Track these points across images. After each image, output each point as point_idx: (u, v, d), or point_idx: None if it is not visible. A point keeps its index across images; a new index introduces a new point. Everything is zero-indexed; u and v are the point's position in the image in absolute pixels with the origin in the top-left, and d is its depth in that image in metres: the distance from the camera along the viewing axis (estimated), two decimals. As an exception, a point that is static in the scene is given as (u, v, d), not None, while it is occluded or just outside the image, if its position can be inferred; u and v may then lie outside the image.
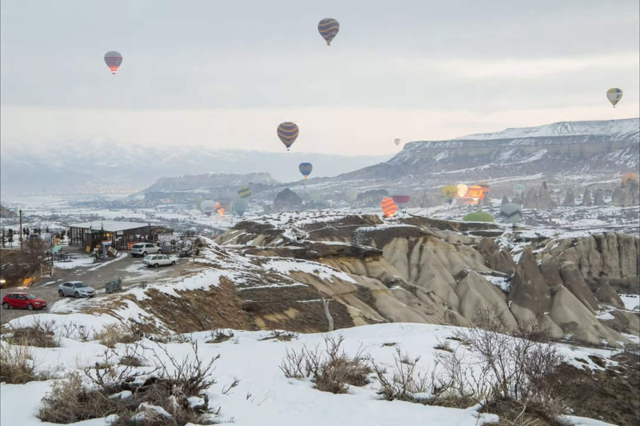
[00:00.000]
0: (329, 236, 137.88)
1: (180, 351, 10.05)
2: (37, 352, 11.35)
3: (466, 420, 8.58)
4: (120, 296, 45.11)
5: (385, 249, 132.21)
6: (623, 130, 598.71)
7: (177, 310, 48.09)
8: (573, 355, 23.61)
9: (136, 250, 67.78)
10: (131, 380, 8.57)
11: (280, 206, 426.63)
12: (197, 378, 8.57)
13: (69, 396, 8.02)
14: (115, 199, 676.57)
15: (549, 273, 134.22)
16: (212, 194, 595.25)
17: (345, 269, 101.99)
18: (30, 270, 61.41)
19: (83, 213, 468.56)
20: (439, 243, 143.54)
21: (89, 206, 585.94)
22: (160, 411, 7.53)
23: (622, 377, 22.20)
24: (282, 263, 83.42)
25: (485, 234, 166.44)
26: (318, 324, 54.51)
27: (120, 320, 37.51)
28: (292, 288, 62.63)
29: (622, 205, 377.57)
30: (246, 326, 49.58)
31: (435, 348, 18.93)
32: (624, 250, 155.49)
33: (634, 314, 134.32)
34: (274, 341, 21.67)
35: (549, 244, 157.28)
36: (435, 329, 24.65)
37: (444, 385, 10.39)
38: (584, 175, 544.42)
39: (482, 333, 12.30)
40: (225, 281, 58.54)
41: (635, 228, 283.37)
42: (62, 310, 38.89)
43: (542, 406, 9.05)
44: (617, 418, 19.60)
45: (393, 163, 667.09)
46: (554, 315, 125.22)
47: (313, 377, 11.70)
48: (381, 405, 9.81)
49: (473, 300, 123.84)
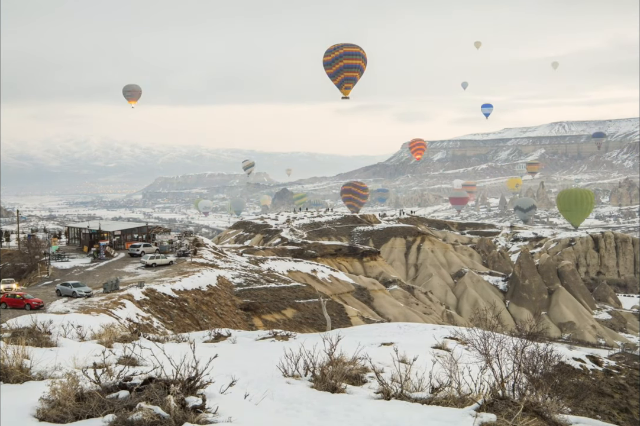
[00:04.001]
0: (327, 235, 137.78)
1: (178, 351, 10.04)
2: (35, 352, 11.34)
3: (464, 419, 8.59)
4: (118, 296, 45.06)
5: (383, 249, 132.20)
6: (620, 130, 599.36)
7: (175, 310, 48.04)
8: (570, 354, 23.63)
9: (134, 250, 67.72)
10: (129, 380, 8.56)
11: (278, 206, 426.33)
12: (194, 377, 8.57)
13: (67, 396, 8.01)
14: (113, 199, 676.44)
15: (547, 273, 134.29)
16: (209, 193, 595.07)
17: (343, 269, 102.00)
18: (27, 270, 61.34)
19: (80, 212, 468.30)
20: (437, 243, 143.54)
21: (86, 205, 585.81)
22: (158, 411, 7.53)
23: (619, 377, 22.22)
24: (280, 262, 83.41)
25: (483, 234, 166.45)
26: (316, 324, 54.51)
27: (117, 320, 37.46)
28: (289, 288, 62.60)
29: (619, 205, 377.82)
30: (244, 326, 49.57)
31: (433, 348, 18.93)
32: (621, 250, 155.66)
33: (631, 314, 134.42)
34: (271, 341, 21.67)
35: (546, 243, 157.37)
36: (432, 328, 24.66)
37: (441, 385, 10.39)
38: (582, 175, 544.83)
39: (480, 332, 12.31)
40: (223, 280, 58.49)
41: (633, 228, 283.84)
42: (60, 310, 38.81)
43: (540, 406, 9.06)
44: (615, 418, 19.62)
45: (391, 163, 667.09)
46: (552, 315, 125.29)
47: (311, 377, 11.70)
48: (379, 404, 9.81)
49: (471, 300, 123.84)
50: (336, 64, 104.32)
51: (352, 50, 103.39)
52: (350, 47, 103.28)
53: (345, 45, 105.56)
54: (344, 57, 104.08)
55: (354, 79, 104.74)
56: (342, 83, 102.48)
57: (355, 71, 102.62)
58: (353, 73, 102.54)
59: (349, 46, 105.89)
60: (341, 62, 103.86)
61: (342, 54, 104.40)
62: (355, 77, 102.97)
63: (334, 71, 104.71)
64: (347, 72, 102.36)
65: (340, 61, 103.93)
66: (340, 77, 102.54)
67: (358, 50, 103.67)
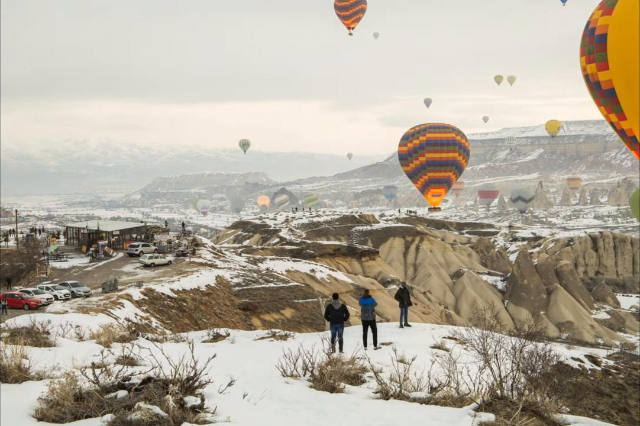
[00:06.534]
0: (326, 235, 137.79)
1: (177, 351, 10.03)
2: (33, 352, 11.33)
3: (462, 419, 8.59)
4: (117, 295, 45.02)
5: (381, 249, 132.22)
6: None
7: (174, 310, 48.02)
8: (569, 354, 23.64)
9: (132, 250, 67.70)
10: (127, 380, 8.56)
11: (277, 206, 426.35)
12: (193, 377, 8.56)
13: (65, 396, 8.00)
14: (111, 199, 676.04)
15: (545, 273, 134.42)
16: (208, 193, 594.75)
17: (342, 269, 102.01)
18: (26, 270, 61.29)
19: (79, 212, 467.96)
20: (436, 243, 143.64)
21: (85, 205, 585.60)
22: (157, 411, 7.52)
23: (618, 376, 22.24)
24: (279, 262, 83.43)
25: (482, 234, 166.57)
26: (314, 324, 54.52)
27: (116, 320, 37.43)
28: (288, 288, 62.58)
29: (618, 205, 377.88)
30: (242, 326, 49.54)
31: (431, 348, 18.93)
32: (620, 249, 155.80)
33: (630, 314, 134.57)
34: (270, 341, 21.66)
35: (545, 243, 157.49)
36: (431, 328, 24.66)
37: (440, 385, 10.39)
38: (580, 174, 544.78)
39: (479, 332, 12.32)
40: (222, 280, 58.47)
41: (632, 228, 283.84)
42: (58, 310, 38.78)
43: (539, 406, 9.06)
44: (613, 417, 19.64)
45: (389, 162, 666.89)
46: (550, 314, 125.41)
47: (309, 377, 11.70)
48: (377, 404, 9.81)
49: (469, 300, 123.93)
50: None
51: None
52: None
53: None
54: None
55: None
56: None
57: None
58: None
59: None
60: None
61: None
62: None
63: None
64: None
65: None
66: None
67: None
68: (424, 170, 72.83)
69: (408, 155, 74.52)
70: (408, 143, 74.52)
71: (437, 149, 71.84)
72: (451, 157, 72.31)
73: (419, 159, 73.05)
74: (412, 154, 73.62)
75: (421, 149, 72.46)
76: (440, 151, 71.95)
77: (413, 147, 73.50)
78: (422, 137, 72.67)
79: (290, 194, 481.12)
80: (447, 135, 73.14)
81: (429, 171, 72.63)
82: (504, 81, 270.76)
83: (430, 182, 73.31)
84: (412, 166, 74.09)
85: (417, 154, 72.84)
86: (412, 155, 73.55)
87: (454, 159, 72.43)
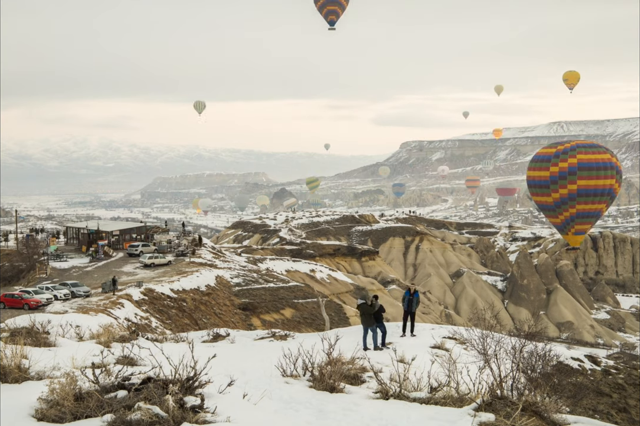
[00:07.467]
0: (325, 235, 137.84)
1: (177, 351, 10.03)
2: (33, 352, 11.33)
3: (462, 419, 8.59)
4: (117, 295, 45.04)
5: (381, 249, 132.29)
6: (619, 129, 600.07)
7: (174, 310, 48.03)
8: (569, 354, 23.62)
9: (132, 250, 67.69)
10: (127, 380, 8.56)
11: (277, 206, 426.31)
12: (193, 377, 8.56)
13: (65, 396, 8.00)
14: (111, 199, 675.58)
15: (545, 273, 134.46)
16: (208, 193, 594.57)
17: (342, 269, 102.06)
18: (26, 270, 61.26)
19: (79, 212, 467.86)
20: (435, 243, 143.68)
21: (84, 205, 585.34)
22: (157, 411, 7.53)
23: (618, 376, 22.23)
24: (279, 262, 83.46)
25: (482, 234, 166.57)
26: (314, 324, 54.52)
27: (116, 320, 37.44)
28: (288, 288, 62.60)
29: (618, 204, 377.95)
30: (242, 326, 49.54)
31: (431, 348, 18.92)
32: (619, 249, 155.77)
33: (629, 314, 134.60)
34: (270, 341, 21.65)
35: (545, 243, 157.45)
36: (431, 328, 24.63)
37: (440, 384, 10.39)
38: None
39: (478, 332, 12.32)
40: (222, 280, 58.48)
41: (631, 228, 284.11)
42: (58, 310, 38.78)
43: (538, 406, 9.06)
44: (613, 417, 19.63)
45: (389, 163, 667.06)
46: (550, 314, 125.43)
47: (309, 376, 11.71)
48: (377, 404, 9.81)
49: (469, 299, 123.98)
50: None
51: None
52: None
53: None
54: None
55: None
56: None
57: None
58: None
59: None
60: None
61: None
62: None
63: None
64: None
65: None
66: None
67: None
68: (572, 201, 58.66)
69: (551, 182, 59.28)
70: (551, 166, 59.10)
71: (592, 175, 57.97)
72: (608, 184, 58.52)
73: (567, 188, 58.60)
74: (557, 181, 58.90)
75: (571, 175, 58.27)
76: (596, 177, 58.06)
77: (559, 172, 58.72)
78: (571, 159, 58.38)
79: (290, 194, 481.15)
80: (601, 156, 59.03)
81: (577, 203, 58.59)
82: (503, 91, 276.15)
83: (578, 217, 59.31)
84: (555, 196, 59.31)
85: (565, 181, 58.53)
86: (558, 182, 58.83)
87: (610, 187, 58.75)
